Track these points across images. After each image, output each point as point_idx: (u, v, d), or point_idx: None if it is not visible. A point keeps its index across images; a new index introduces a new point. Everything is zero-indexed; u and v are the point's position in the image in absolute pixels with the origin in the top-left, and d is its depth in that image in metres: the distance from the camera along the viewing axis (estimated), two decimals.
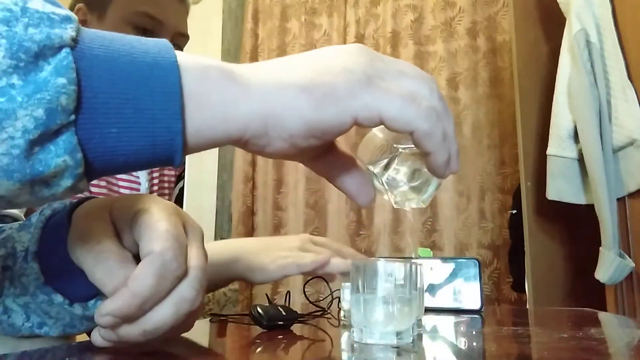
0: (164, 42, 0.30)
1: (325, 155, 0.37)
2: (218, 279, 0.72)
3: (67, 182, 0.27)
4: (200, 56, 0.31)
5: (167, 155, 0.29)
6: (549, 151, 1.57)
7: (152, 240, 0.35)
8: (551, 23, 1.74)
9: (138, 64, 0.28)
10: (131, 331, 0.34)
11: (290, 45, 2.80)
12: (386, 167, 0.39)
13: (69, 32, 0.26)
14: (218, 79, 0.29)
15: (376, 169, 0.39)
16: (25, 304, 0.43)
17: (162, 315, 0.34)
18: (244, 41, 2.83)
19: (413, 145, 0.36)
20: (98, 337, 0.36)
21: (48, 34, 0.25)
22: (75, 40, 0.27)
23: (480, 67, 2.48)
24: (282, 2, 2.84)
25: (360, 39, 2.69)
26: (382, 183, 0.39)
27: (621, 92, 1.40)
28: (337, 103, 0.29)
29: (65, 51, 0.26)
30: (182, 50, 0.81)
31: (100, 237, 0.37)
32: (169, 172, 1.02)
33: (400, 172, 0.39)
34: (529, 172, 1.70)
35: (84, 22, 0.77)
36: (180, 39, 0.80)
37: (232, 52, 2.82)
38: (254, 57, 2.79)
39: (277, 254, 0.71)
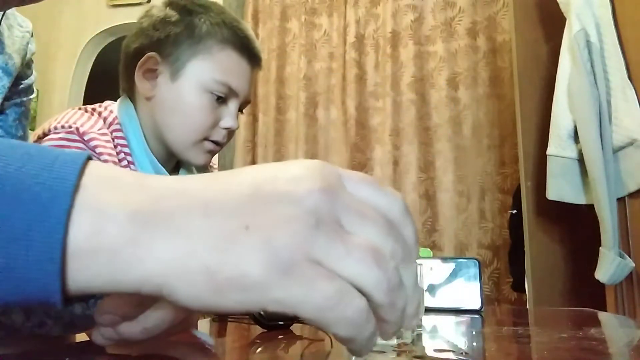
0: (69, 171, 0.25)
1: None
2: None
3: None
4: (109, 187, 0.26)
5: (41, 303, 0.27)
6: (549, 151, 1.57)
7: None
8: (551, 23, 1.74)
9: (19, 214, 0.24)
10: (132, 329, 0.34)
11: (290, 45, 2.80)
12: None
13: None
14: (113, 237, 0.25)
15: None
16: None
17: (162, 312, 0.34)
18: None
19: None
20: (99, 336, 0.36)
21: None
22: None
23: (480, 67, 2.48)
24: (282, 2, 2.84)
25: (360, 39, 2.69)
26: None
27: (621, 92, 1.40)
28: (242, 293, 0.24)
29: None
30: (242, 112, 0.81)
31: None
32: None
33: None
34: (529, 172, 1.70)
35: (153, 71, 0.75)
36: (245, 105, 0.82)
37: None
38: None
39: None
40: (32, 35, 0.72)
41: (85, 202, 0.25)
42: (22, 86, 0.71)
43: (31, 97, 0.74)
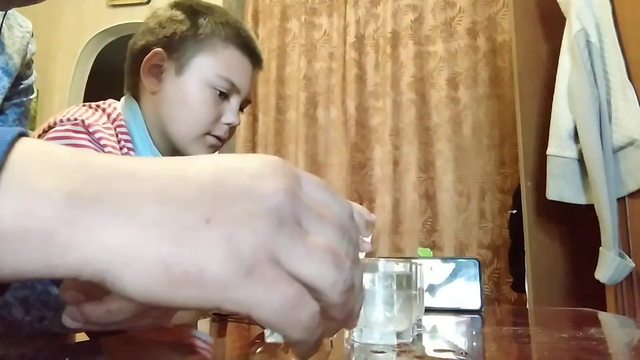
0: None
1: None
2: None
3: None
4: (44, 164, 0.23)
5: None
6: (549, 151, 1.57)
7: None
8: (551, 23, 1.74)
9: None
10: (95, 310, 0.33)
11: (290, 45, 2.80)
12: None
13: None
14: (47, 218, 0.22)
15: None
16: (24, 297, 0.43)
17: None
18: None
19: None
20: (65, 317, 0.36)
21: None
22: None
23: (480, 67, 2.48)
24: (282, 2, 2.84)
25: (360, 39, 2.69)
26: None
27: (621, 92, 1.40)
28: (198, 289, 0.23)
29: None
30: (242, 111, 0.83)
31: None
32: None
33: None
34: (529, 172, 1.70)
35: (159, 67, 0.77)
36: (245, 104, 0.84)
37: None
38: None
39: None
40: (32, 36, 0.72)
41: (13, 180, 0.22)
42: (22, 86, 0.71)
43: (31, 97, 0.74)
